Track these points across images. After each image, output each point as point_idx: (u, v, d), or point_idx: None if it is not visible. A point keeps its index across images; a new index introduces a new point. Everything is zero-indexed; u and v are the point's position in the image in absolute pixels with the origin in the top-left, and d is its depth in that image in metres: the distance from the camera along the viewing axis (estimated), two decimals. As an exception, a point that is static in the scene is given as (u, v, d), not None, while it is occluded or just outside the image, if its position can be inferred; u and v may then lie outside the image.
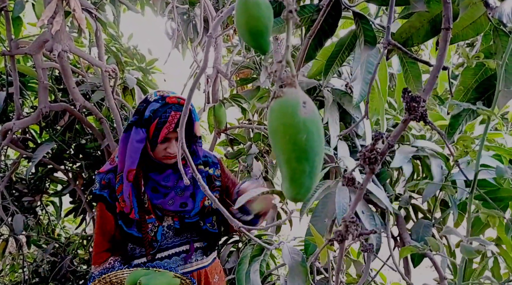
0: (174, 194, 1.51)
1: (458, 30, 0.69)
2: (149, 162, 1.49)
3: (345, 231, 0.56)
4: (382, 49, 0.67)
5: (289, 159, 0.42)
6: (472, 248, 0.50)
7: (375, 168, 0.57)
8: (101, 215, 1.53)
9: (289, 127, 0.41)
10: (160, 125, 1.39)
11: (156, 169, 1.51)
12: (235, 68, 2.14)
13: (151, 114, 1.40)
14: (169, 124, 1.38)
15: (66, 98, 2.41)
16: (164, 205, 1.49)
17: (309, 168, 0.42)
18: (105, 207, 1.52)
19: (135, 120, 1.44)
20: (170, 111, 1.39)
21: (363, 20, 0.84)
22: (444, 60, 0.58)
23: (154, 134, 1.40)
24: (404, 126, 0.58)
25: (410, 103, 0.53)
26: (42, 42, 1.89)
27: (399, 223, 1.38)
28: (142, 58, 2.63)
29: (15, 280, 2.82)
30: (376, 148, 0.56)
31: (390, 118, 1.54)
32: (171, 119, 1.39)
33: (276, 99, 0.43)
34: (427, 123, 0.55)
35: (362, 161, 0.57)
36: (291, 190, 0.43)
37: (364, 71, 0.99)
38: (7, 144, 2.14)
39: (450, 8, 0.60)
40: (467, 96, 0.71)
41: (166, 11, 2.04)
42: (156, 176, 1.50)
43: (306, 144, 0.41)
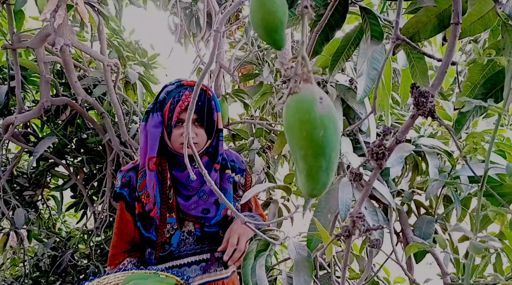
0: (198, 198, 1.41)
1: (466, 25, 0.68)
2: (169, 157, 1.40)
3: (352, 226, 0.56)
4: (390, 44, 0.67)
5: (305, 155, 0.42)
6: (482, 246, 0.50)
7: (382, 163, 0.57)
8: (121, 214, 1.45)
9: (305, 123, 0.41)
10: (173, 105, 1.30)
11: (178, 165, 1.41)
12: (238, 64, 2.13)
13: (165, 96, 1.33)
14: (182, 103, 1.29)
15: (67, 92, 2.41)
16: (185, 207, 1.40)
17: (326, 163, 0.42)
18: (125, 206, 1.44)
19: (152, 107, 1.37)
20: (185, 90, 1.31)
21: (370, 15, 0.84)
22: (453, 55, 0.58)
23: (168, 117, 1.32)
24: (412, 122, 0.58)
25: (419, 98, 0.53)
26: (44, 36, 1.89)
27: (401, 219, 1.38)
28: (144, 53, 2.62)
29: (16, 274, 2.82)
30: (384, 144, 0.56)
31: (394, 114, 1.54)
32: (184, 98, 1.30)
33: (292, 95, 0.42)
34: (435, 118, 0.55)
35: (370, 156, 0.57)
36: (308, 186, 0.43)
37: (369, 66, 0.99)
38: (9, 138, 2.14)
39: (459, 2, 0.59)
40: (475, 91, 0.71)
41: (169, 6, 2.03)
42: (178, 174, 1.40)
43: (323, 140, 0.41)
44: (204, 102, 1.32)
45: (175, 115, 1.29)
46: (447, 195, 1.41)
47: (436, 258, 1.22)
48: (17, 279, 2.61)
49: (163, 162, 1.39)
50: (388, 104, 1.13)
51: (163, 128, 1.34)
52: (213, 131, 1.37)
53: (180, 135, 1.32)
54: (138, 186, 1.40)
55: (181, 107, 1.29)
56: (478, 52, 0.53)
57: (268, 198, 2.29)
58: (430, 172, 1.28)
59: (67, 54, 1.85)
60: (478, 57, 0.53)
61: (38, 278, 2.58)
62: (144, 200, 1.38)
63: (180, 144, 1.32)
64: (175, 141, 1.33)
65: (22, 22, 2.18)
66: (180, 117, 1.30)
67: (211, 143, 1.39)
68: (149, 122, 1.34)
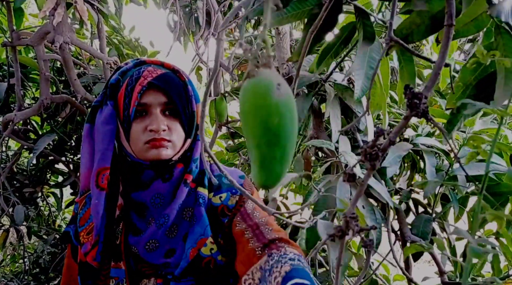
0: (157, 229, 0.91)
1: (459, 27, 0.69)
2: (128, 171, 0.95)
3: (346, 226, 0.56)
4: (384, 45, 0.67)
5: (259, 144, 0.39)
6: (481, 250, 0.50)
7: (376, 164, 0.57)
8: (67, 263, 1.05)
9: (260, 108, 0.38)
10: (131, 86, 0.89)
11: (139, 182, 0.93)
12: (237, 62, 2.14)
13: (119, 77, 0.93)
14: (143, 79, 0.88)
15: (67, 90, 2.41)
16: (140, 248, 0.92)
17: (280, 154, 0.40)
18: (71, 251, 1.04)
19: (100, 99, 0.95)
20: (147, 67, 0.92)
21: (364, 15, 0.84)
22: (446, 57, 0.58)
23: (125, 104, 0.89)
24: (406, 123, 0.59)
25: (412, 100, 0.53)
26: (43, 34, 1.89)
27: (399, 218, 1.39)
28: (144, 51, 2.62)
29: (16, 270, 2.83)
30: (378, 144, 0.56)
31: (392, 113, 1.55)
32: (146, 73, 0.89)
33: (249, 79, 0.40)
34: (428, 120, 0.55)
35: (363, 157, 0.57)
36: (261, 176, 0.40)
37: (366, 66, 1.00)
38: (8, 135, 2.15)
39: (453, 4, 0.60)
40: (467, 92, 0.71)
41: (168, 4, 2.03)
42: (140, 196, 0.93)
43: (278, 128, 0.38)
44: (178, 84, 0.92)
45: (135, 96, 0.87)
46: (445, 193, 1.41)
47: (434, 257, 1.23)
48: (17, 275, 2.62)
49: (117, 184, 0.96)
50: (385, 103, 1.13)
51: (118, 125, 0.92)
52: (193, 125, 0.96)
53: (143, 129, 0.89)
54: (80, 220, 0.96)
55: (143, 84, 0.88)
56: (482, 53, 0.53)
57: (266, 196, 2.30)
58: (427, 172, 1.29)
59: (67, 52, 1.86)
60: (481, 57, 0.53)
61: (38, 275, 2.59)
62: (83, 239, 0.93)
63: (145, 143, 0.89)
64: (137, 140, 0.90)
65: (21, 20, 2.18)
66: (144, 100, 0.88)
67: (190, 144, 0.97)
68: (96, 120, 0.93)
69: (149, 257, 0.92)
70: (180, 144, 0.93)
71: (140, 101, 0.88)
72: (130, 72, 0.92)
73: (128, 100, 0.88)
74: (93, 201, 0.91)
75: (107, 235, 0.92)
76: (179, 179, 0.94)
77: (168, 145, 0.90)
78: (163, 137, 0.89)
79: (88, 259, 0.91)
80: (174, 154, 0.92)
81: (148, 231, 0.92)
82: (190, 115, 0.94)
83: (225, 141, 2.45)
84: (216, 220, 0.95)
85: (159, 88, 0.89)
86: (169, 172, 0.93)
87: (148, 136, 0.88)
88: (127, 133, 0.90)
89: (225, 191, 0.97)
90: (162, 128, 0.88)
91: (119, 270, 0.92)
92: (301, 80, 1.37)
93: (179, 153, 0.94)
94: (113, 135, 0.91)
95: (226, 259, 0.94)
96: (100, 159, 0.90)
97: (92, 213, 0.91)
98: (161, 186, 0.93)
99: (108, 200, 0.93)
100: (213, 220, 0.95)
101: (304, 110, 1.40)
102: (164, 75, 0.91)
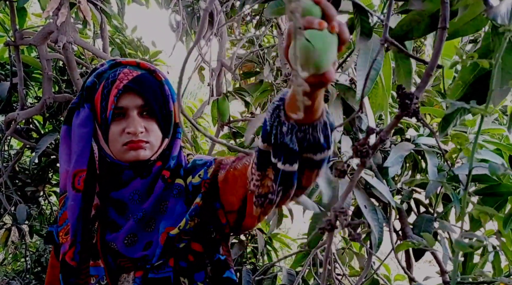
0: (135, 224, 0.93)
1: (458, 26, 0.70)
2: (107, 171, 0.97)
3: (335, 220, 0.57)
4: (380, 46, 0.69)
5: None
6: (466, 243, 0.51)
7: (366, 161, 0.58)
8: (51, 263, 1.07)
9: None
10: (107, 88, 0.89)
11: (118, 181, 0.96)
12: (239, 62, 2.15)
13: (95, 79, 0.93)
14: (119, 82, 0.89)
15: (70, 89, 2.42)
16: (118, 243, 0.94)
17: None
18: (54, 250, 1.06)
19: (77, 101, 0.95)
20: (123, 69, 0.92)
21: (362, 11, 0.86)
22: (439, 59, 0.59)
23: (101, 107, 0.90)
24: (397, 122, 0.60)
25: (403, 100, 0.54)
26: (46, 33, 1.90)
27: (401, 217, 1.40)
28: (146, 50, 2.63)
29: (18, 269, 2.84)
30: (368, 142, 0.57)
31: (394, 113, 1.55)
32: (122, 76, 0.90)
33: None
34: (419, 120, 0.57)
35: (354, 154, 0.59)
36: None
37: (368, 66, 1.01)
38: (11, 134, 2.16)
39: (447, 7, 0.61)
40: (465, 90, 0.72)
41: (171, 4, 2.04)
42: (118, 194, 0.95)
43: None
44: (154, 85, 0.93)
45: (110, 101, 0.88)
46: (446, 193, 1.42)
47: (435, 256, 1.24)
48: (19, 274, 2.64)
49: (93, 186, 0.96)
50: (387, 103, 1.14)
51: (96, 127, 0.93)
52: (171, 125, 0.97)
53: (121, 132, 0.90)
54: (58, 219, 0.98)
55: (119, 87, 0.88)
56: (461, 55, 0.55)
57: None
58: (429, 171, 1.29)
59: (70, 51, 1.86)
60: (461, 59, 0.54)
61: (40, 273, 2.60)
62: (61, 239, 0.95)
63: (123, 145, 0.90)
64: (115, 142, 0.91)
65: (24, 19, 2.19)
66: (120, 104, 0.89)
67: (169, 143, 0.99)
68: (73, 122, 0.94)
69: (128, 252, 0.94)
70: (158, 144, 0.95)
71: (117, 105, 0.89)
72: (106, 74, 0.92)
73: (105, 103, 0.89)
74: (70, 202, 0.92)
75: (83, 235, 0.93)
76: (157, 174, 0.96)
77: (146, 146, 0.91)
78: (141, 138, 0.90)
79: (67, 259, 0.93)
80: (152, 154, 0.94)
81: (126, 226, 0.93)
82: (167, 114, 0.96)
83: (227, 140, 2.46)
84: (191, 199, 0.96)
85: (135, 91, 0.90)
86: (148, 170, 0.95)
87: (126, 138, 0.90)
88: (105, 135, 0.92)
89: (200, 168, 0.98)
90: (140, 130, 0.89)
91: (98, 268, 0.94)
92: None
93: (157, 153, 0.95)
94: (89, 138, 0.93)
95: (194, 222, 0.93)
96: (76, 161, 0.92)
97: (68, 214, 0.93)
98: (139, 183, 0.95)
99: (84, 200, 0.93)
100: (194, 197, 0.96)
101: (306, 110, 1.40)
102: (139, 77, 0.91)
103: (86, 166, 0.92)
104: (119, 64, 0.95)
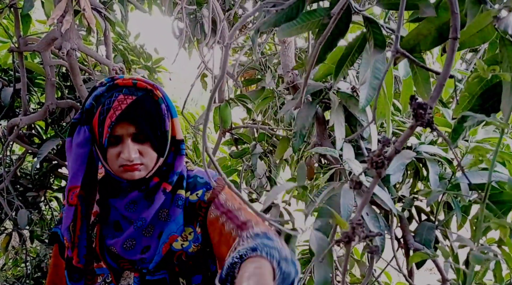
0: (134, 231, 1.00)
1: (465, 38, 0.70)
2: (108, 181, 1.05)
3: (352, 233, 0.58)
4: (391, 56, 0.69)
5: None
6: (483, 257, 0.51)
7: (382, 172, 0.59)
8: (54, 262, 1.13)
9: None
10: (102, 116, 0.93)
11: (117, 191, 1.03)
12: (242, 69, 2.16)
13: (93, 102, 0.96)
14: (113, 112, 0.92)
15: (72, 95, 2.43)
16: (118, 247, 1.01)
17: None
18: (58, 250, 1.11)
19: (79, 117, 1.00)
20: (118, 94, 0.94)
21: (373, 24, 0.86)
22: (451, 69, 0.60)
23: (99, 132, 0.95)
24: (411, 132, 0.60)
25: (417, 110, 0.55)
26: (50, 40, 1.91)
27: (402, 225, 1.40)
28: (149, 57, 2.65)
29: (18, 274, 2.84)
30: (383, 153, 0.58)
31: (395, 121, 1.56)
32: (116, 105, 0.93)
33: None
34: (433, 129, 0.57)
35: (369, 165, 0.59)
36: None
37: (371, 76, 1.01)
38: (13, 140, 2.16)
39: (458, 18, 0.61)
40: (472, 102, 0.73)
41: (175, 12, 2.06)
42: (115, 202, 1.03)
43: None
44: (149, 108, 0.96)
45: (105, 130, 0.93)
46: (447, 201, 1.42)
47: (437, 264, 1.24)
48: (19, 279, 2.63)
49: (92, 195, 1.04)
50: (389, 112, 1.15)
51: (95, 147, 1.00)
52: (166, 144, 1.02)
53: (117, 155, 0.96)
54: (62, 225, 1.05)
55: (112, 119, 0.92)
56: (482, 68, 0.55)
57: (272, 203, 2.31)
58: (431, 179, 1.30)
59: (73, 58, 1.87)
60: (482, 72, 0.55)
61: (40, 279, 2.60)
62: (66, 242, 1.02)
63: (120, 166, 0.96)
64: (112, 163, 0.97)
65: (28, 26, 2.21)
66: (115, 132, 0.94)
67: (164, 161, 1.03)
68: (74, 140, 0.98)
69: (126, 254, 1.01)
70: (152, 164, 1.00)
71: (111, 134, 0.94)
72: (103, 98, 0.96)
73: (101, 129, 0.94)
74: (65, 214, 0.99)
75: (88, 240, 1.01)
76: (155, 188, 1.03)
77: (141, 167, 0.97)
78: (135, 162, 0.96)
79: (75, 263, 1.00)
80: (147, 173, 1.00)
81: (126, 233, 1.01)
82: (162, 135, 0.99)
83: (228, 147, 2.47)
84: (194, 214, 1.04)
85: (128, 120, 0.94)
86: (145, 184, 1.02)
87: (122, 161, 0.96)
88: (103, 156, 0.98)
89: (200, 188, 1.05)
90: (133, 157, 0.95)
91: (103, 269, 1.03)
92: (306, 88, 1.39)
93: (152, 171, 1.01)
94: (85, 158, 0.98)
95: (197, 248, 1.03)
96: (72, 178, 0.98)
97: (63, 225, 1.00)
98: (136, 195, 1.02)
99: (83, 212, 1.01)
100: (191, 214, 1.04)
101: (308, 117, 1.41)
102: (133, 105, 0.94)
103: (80, 183, 0.98)
104: (116, 86, 0.97)
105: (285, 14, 0.84)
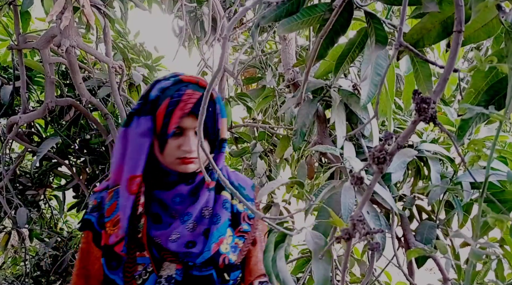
0: (181, 224, 1.05)
1: (470, 33, 0.69)
2: (155, 173, 1.08)
3: (353, 229, 0.57)
4: (394, 50, 0.68)
5: None
6: (482, 252, 0.50)
7: (383, 168, 0.58)
8: (87, 249, 1.12)
9: None
10: (171, 107, 0.98)
11: (163, 183, 1.08)
12: (242, 68, 2.15)
13: (159, 94, 1.01)
14: (183, 104, 0.98)
15: (72, 93, 2.42)
16: (163, 239, 1.04)
17: None
18: (92, 237, 1.11)
19: (138, 108, 1.04)
20: (185, 89, 1.00)
21: (375, 19, 0.85)
22: (455, 62, 0.58)
23: (164, 122, 0.99)
24: (414, 127, 0.59)
25: (420, 104, 0.54)
26: (50, 37, 1.90)
27: (403, 224, 1.39)
28: (149, 55, 2.64)
29: (17, 273, 2.83)
30: (385, 148, 0.57)
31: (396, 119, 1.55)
32: (186, 98, 0.98)
33: None
34: (436, 124, 0.56)
35: (371, 160, 0.58)
36: None
37: (373, 72, 1.00)
38: (13, 138, 2.15)
39: (462, 10, 0.60)
40: (478, 98, 0.72)
41: (174, 9, 2.05)
42: (162, 194, 1.07)
43: None
44: (210, 106, 1.03)
45: (174, 121, 0.98)
46: (449, 200, 1.41)
47: (438, 263, 1.23)
48: (18, 278, 2.63)
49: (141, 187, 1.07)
50: (390, 109, 1.14)
51: (154, 138, 1.03)
52: (216, 141, 1.09)
53: (177, 147, 1.01)
54: (106, 210, 1.08)
55: (183, 111, 0.98)
56: (480, 59, 0.54)
57: (269, 201, 2.30)
58: (432, 178, 1.29)
59: (73, 55, 1.87)
60: (479, 64, 0.53)
61: (39, 278, 2.59)
62: (109, 229, 1.05)
63: (177, 158, 1.01)
64: (170, 155, 1.02)
65: (28, 23, 2.20)
66: (182, 124, 1.00)
67: (214, 156, 1.09)
68: (132, 128, 1.03)
69: (171, 247, 1.04)
70: (205, 158, 1.06)
71: (179, 124, 1.00)
72: (169, 91, 1.01)
73: (168, 120, 0.99)
74: (123, 202, 1.03)
75: (131, 229, 1.04)
76: (200, 183, 1.09)
77: (196, 160, 1.03)
78: (193, 156, 1.01)
79: (117, 250, 1.03)
80: (198, 167, 1.05)
81: (172, 226, 1.05)
82: (216, 132, 1.07)
83: (228, 146, 2.46)
84: (238, 222, 1.12)
85: (195, 114, 0.99)
86: (192, 178, 1.07)
87: (181, 154, 1.01)
88: (161, 147, 1.03)
89: (246, 199, 1.13)
90: (194, 150, 1.01)
91: (145, 258, 1.05)
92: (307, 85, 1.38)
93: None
94: (148, 148, 1.02)
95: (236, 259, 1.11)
96: (133, 166, 1.02)
97: (120, 213, 1.04)
98: (183, 188, 1.07)
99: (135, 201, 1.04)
100: (236, 222, 1.12)
101: (309, 115, 1.40)
102: (200, 100, 0.98)
103: (142, 172, 1.02)
104: (181, 81, 1.03)
105: (286, 8, 0.83)
